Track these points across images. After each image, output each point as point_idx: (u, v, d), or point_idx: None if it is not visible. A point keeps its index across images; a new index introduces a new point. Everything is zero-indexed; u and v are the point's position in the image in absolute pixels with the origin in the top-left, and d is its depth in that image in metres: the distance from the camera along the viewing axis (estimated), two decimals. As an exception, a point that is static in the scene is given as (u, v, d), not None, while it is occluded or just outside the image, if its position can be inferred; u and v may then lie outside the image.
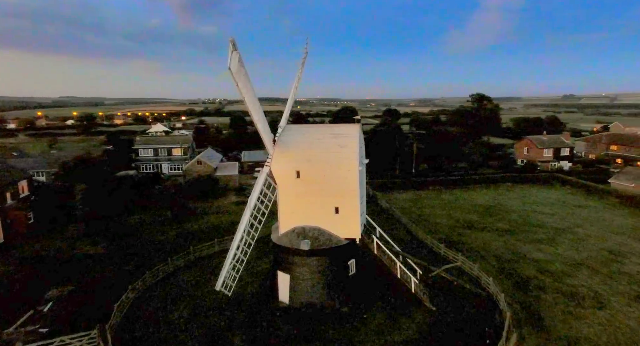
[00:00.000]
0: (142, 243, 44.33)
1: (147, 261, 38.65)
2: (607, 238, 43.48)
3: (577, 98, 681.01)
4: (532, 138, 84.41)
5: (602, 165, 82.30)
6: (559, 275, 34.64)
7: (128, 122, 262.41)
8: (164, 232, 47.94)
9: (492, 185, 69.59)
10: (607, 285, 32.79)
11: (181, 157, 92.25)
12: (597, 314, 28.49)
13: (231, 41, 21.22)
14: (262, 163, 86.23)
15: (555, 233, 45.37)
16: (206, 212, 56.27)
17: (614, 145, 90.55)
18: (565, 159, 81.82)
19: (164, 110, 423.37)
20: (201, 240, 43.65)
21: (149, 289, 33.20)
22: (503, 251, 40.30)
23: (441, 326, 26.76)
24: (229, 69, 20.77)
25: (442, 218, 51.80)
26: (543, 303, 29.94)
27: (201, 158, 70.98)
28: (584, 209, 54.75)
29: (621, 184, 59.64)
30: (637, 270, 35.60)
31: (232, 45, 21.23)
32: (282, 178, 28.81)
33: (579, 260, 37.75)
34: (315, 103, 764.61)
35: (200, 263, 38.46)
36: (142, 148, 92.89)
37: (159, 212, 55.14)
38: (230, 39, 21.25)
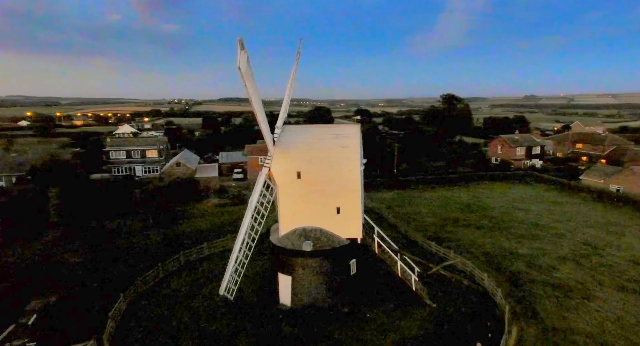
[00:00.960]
0: (125, 248, 42.78)
1: (134, 267, 37.37)
2: (584, 233, 45.79)
3: (537, 99, 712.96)
4: (505, 137, 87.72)
5: (571, 162, 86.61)
6: (546, 269, 36.19)
7: (89, 122, 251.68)
8: (147, 236, 46.45)
9: (471, 183, 71.77)
10: (591, 277, 34.56)
11: (156, 158, 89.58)
12: (586, 305, 29.99)
13: (239, 40, 20.88)
14: (240, 164, 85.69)
15: (536, 228, 47.34)
16: (189, 215, 54.97)
17: (579, 143, 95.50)
18: (536, 157, 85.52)
19: (127, 110, 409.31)
20: (188, 244, 42.65)
21: (142, 296, 32.12)
22: (490, 247, 41.66)
23: (443, 322, 27.39)
24: (238, 69, 20.45)
25: (427, 217, 52.93)
26: (535, 297, 31.18)
27: (180, 160, 69.19)
28: (560, 205, 57.43)
29: (592, 180, 63.00)
30: (615, 261, 37.70)
31: (240, 45, 20.89)
32: (282, 179, 28.59)
33: (562, 254, 39.58)
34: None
35: (191, 268, 37.57)
36: (113, 150, 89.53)
37: (141, 215, 53.38)
38: (239, 39, 20.90)
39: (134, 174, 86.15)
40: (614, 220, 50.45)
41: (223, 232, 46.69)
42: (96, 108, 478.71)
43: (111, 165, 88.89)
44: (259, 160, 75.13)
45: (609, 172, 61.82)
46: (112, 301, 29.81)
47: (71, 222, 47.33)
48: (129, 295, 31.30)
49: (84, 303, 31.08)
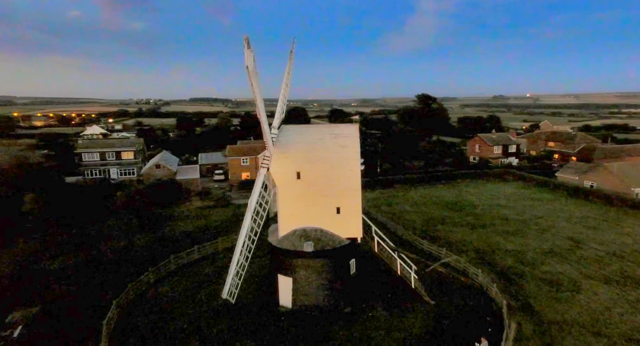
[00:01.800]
0: (110, 253, 41.32)
1: (120, 273, 36.19)
2: (565, 227, 47.71)
3: (505, 99, 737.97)
4: (482, 136, 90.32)
5: (544, 160, 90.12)
6: (534, 264, 37.49)
7: (51, 123, 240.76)
8: (132, 240, 45.04)
9: (453, 182, 73.43)
10: (576, 270, 36.06)
11: (132, 160, 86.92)
12: (576, 297, 31.26)
13: (245, 39, 20.59)
14: (221, 165, 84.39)
15: (520, 224, 48.95)
16: (173, 218, 53.69)
17: (551, 142, 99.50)
18: (512, 155, 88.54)
19: (92, 110, 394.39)
20: (175, 247, 41.69)
21: (135, 302, 31.12)
22: (479, 243, 42.77)
23: (444, 318, 27.92)
24: (246, 67, 20.15)
25: (414, 215, 53.77)
26: (528, 291, 32.26)
27: (160, 161, 67.45)
28: (539, 201, 59.62)
29: (567, 177, 65.78)
30: (597, 254, 39.48)
31: (247, 43, 20.60)
32: (282, 180, 28.37)
33: (547, 249, 41.10)
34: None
35: (183, 271, 36.72)
36: (86, 152, 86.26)
37: (123, 219, 51.70)
38: (245, 37, 20.61)
39: (109, 177, 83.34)
40: (590, 214, 52.83)
41: (211, 235, 45.93)
42: (57, 108, 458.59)
43: (84, 167, 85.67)
44: (240, 161, 74.31)
45: (583, 169, 64.74)
46: (101, 308, 28.84)
47: (50, 227, 45.25)
48: (122, 301, 30.26)
49: (72, 312, 29.83)
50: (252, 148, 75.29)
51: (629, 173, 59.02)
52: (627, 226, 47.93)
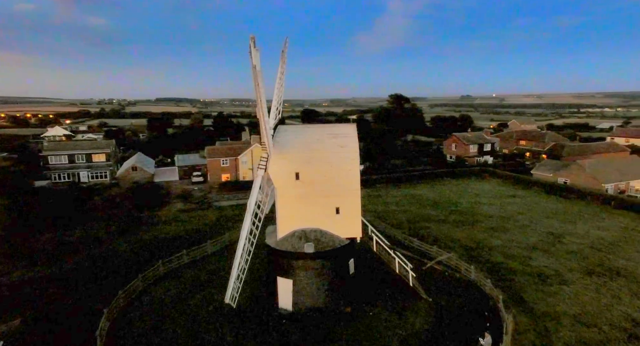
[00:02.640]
0: (92, 260, 39.77)
1: (108, 280, 34.92)
2: (544, 223, 49.80)
3: (472, 99, 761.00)
4: (459, 135, 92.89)
5: (517, 158, 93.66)
6: (521, 258, 38.93)
7: (4, 124, 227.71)
8: (114, 246, 43.52)
9: (432, 181, 75.07)
10: (561, 264, 37.71)
11: (103, 163, 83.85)
12: (564, 290, 32.69)
13: (252, 38, 20.39)
14: (199, 167, 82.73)
15: (502, 221, 50.69)
16: (155, 222, 52.26)
17: (522, 140, 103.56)
18: (487, 154, 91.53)
19: (48, 110, 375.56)
20: (161, 252, 40.66)
21: (127, 310, 30.08)
22: (466, 240, 43.97)
23: (443, 315, 28.57)
24: (253, 67, 19.93)
25: (399, 214, 54.63)
26: (518, 285, 33.47)
27: (136, 163, 65.39)
28: (517, 198, 61.94)
29: (542, 174, 68.69)
30: (578, 248, 41.40)
31: (253, 43, 20.40)
32: (280, 181, 28.19)
33: (530, 244, 42.75)
34: (227, 104, 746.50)
35: (173, 276, 35.79)
36: (53, 155, 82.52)
37: (101, 223, 49.83)
38: (251, 36, 20.42)
39: (79, 180, 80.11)
40: (566, 210, 55.37)
41: (197, 238, 45.04)
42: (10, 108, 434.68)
43: (50, 171, 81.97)
44: (220, 162, 73.16)
45: (556, 167, 67.78)
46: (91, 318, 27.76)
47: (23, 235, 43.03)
48: (113, 309, 29.18)
49: (59, 323, 28.51)
50: (231, 149, 74.27)
51: (599, 170, 62.29)
52: (602, 220, 50.56)
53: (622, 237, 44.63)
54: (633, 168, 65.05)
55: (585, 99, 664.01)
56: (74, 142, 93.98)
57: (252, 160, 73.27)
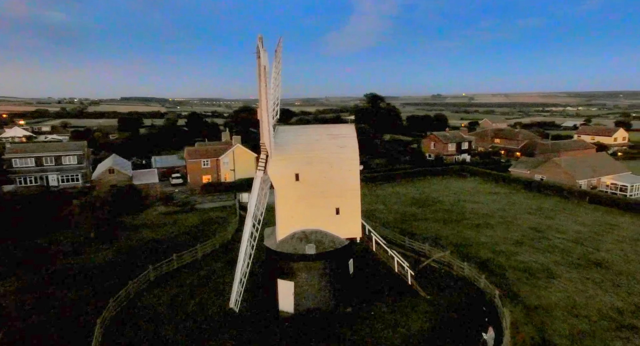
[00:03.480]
0: (73, 268, 38.25)
1: (96, 289, 33.75)
2: (526, 219, 51.75)
3: (443, 98, 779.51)
4: (437, 134, 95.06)
5: (493, 156, 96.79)
6: (509, 254, 40.32)
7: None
8: (95, 253, 42.06)
9: (414, 179, 76.52)
10: (546, 258, 39.33)
11: (75, 166, 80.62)
12: (553, 283, 34.11)
13: (260, 38, 20.27)
14: (177, 168, 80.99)
15: (486, 218, 52.31)
16: (137, 226, 50.83)
17: (497, 139, 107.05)
18: (465, 152, 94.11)
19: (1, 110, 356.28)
20: (149, 257, 39.67)
21: (120, 319, 29.18)
22: (454, 238, 45.12)
23: (443, 310, 29.29)
24: (263, 68, 19.81)
25: (386, 213, 55.42)
26: (509, 280, 34.65)
27: (113, 165, 63.36)
28: (497, 195, 64.03)
29: (519, 171, 71.29)
30: (560, 243, 43.25)
31: (261, 43, 20.28)
32: (280, 182, 28.10)
33: (516, 240, 44.33)
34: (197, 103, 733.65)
35: (164, 282, 34.96)
36: (17, 158, 78.63)
37: (80, 229, 48.01)
38: (259, 36, 20.28)
39: (47, 184, 76.73)
40: (545, 206, 57.75)
41: (184, 242, 44.21)
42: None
43: (14, 174, 78.13)
44: (201, 163, 71.92)
45: (533, 164, 70.52)
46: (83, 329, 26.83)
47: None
48: (106, 319, 28.23)
49: (48, 337, 27.34)
50: (212, 150, 73.15)
51: (574, 167, 65.28)
52: (579, 215, 53.04)
53: (599, 231, 46.97)
54: (603, 164, 68.54)
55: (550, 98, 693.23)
56: (42, 143, 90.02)
57: (233, 161, 72.45)
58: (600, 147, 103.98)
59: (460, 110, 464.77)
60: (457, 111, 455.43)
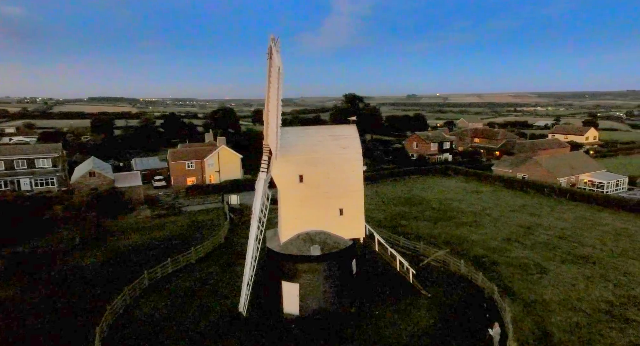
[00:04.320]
0: (59, 276, 37.01)
1: (84, 297, 32.80)
2: (512, 216, 53.42)
3: (418, 98, 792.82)
4: (420, 134, 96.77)
5: (474, 155, 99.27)
6: (500, 251, 41.57)
7: None
8: (83, 259, 40.81)
9: (399, 179, 77.63)
10: (536, 254, 40.75)
11: (50, 169, 77.76)
12: (545, 278, 35.40)
13: (273, 39, 20.27)
14: (160, 170, 79.28)
15: (474, 216, 53.69)
16: (122, 231, 49.55)
17: (476, 138, 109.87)
18: (446, 152, 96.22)
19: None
20: (141, 262, 38.91)
21: (119, 327, 28.47)
22: (446, 236, 46.12)
23: (445, 307, 29.97)
24: (278, 68, 19.80)
25: (375, 213, 56.00)
26: (504, 276, 35.76)
27: (94, 168, 61.51)
28: (482, 194, 65.77)
29: (502, 170, 73.47)
30: (547, 239, 44.84)
31: (274, 43, 20.29)
32: (284, 184, 28.09)
33: (505, 237, 45.71)
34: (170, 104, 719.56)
35: (160, 288, 34.30)
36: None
37: (63, 235, 46.42)
38: (272, 37, 20.28)
39: (19, 188, 73.72)
40: (528, 203, 59.75)
41: (175, 245, 43.55)
42: None
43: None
44: (185, 165, 70.74)
45: (515, 163, 72.83)
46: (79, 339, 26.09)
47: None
48: (104, 328, 27.49)
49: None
50: (197, 152, 72.05)
51: (554, 165, 67.82)
52: (562, 212, 55.16)
53: (582, 226, 49.00)
54: (580, 163, 71.53)
55: (521, 99, 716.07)
56: (12, 146, 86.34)
57: (218, 162, 71.59)
58: (574, 146, 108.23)
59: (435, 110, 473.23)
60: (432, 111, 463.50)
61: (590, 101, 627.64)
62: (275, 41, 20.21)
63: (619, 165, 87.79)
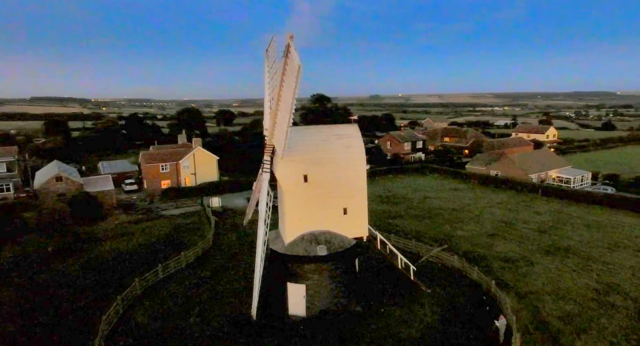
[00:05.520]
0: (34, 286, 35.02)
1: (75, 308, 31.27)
2: (492, 212, 55.73)
3: (381, 98, 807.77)
4: (393, 134, 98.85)
5: (446, 154, 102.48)
6: (486, 246, 43.28)
7: None
8: (61, 269, 38.78)
9: (378, 178, 78.91)
10: (520, 247, 42.75)
11: (5, 174, 73.14)
12: (533, 270, 37.24)
13: (291, 37, 20.23)
14: (130, 174, 76.22)
15: (456, 213, 55.55)
16: (99, 238, 47.42)
17: (446, 137, 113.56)
18: (419, 151, 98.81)
19: None
20: (126, 270, 37.53)
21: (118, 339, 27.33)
22: (433, 233, 47.44)
23: (447, 302, 30.92)
24: (298, 67, 19.78)
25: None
26: (494, 270, 37.31)
27: (61, 173, 58.39)
28: (459, 191, 68.14)
29: (476, 168, 76.41)
30: (528, 233, 47.09)
31: (292, 42, 20.27)
32: (288, 184, 28.02)
33: (489, 232, 47.63)
34: (125, 105, 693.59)
35: (152, 296, 33.17)
36: None
37: (30, 243, 43.84)
38: (290, 35, 20.24)
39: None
40: (505, 199, 62.54)
41: (160, 251, 42.29)
42: None
43: None
44: (159, 167, 68.60)
45: (488, 160, 75.96)
46: None
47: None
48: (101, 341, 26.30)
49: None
50: (171, 154, 70.05)
51: (526, 162, 71.37)
52: (537, 206, 58.15)
53: (557, 220, 51.91)
54: (549, 160, 75.69)
55: (478, 99, 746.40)
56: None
57: (194, 164, 69.97)
58: (537, 144, 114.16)
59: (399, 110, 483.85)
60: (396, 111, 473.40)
61: (542, 101, 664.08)
62: (293, 39, 20.18)
63: (580, 161, 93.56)
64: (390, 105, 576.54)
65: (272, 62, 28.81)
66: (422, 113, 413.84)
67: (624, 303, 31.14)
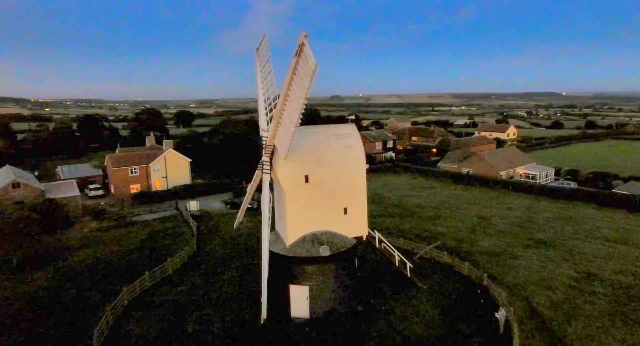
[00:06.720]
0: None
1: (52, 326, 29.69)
2: (468, 208, 58.05)
3: (341, 99, 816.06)
4: (365, 133, 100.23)
5: (416, 153, 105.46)
6: (470, 241, 45.09)
7: None
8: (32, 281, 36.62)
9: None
10: (501, 241, 44.91)
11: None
12: (517, 263, 39.21)
13: (305, 36, 20.36)
14: (93, 178, 72.78)
15: (435, 210, 57.41)
16: (69, 247, 45.08)
17: (414, 136, 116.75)
18: (389, 150, 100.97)
19: None
20: (103, 281, 36.06)
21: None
22: (416, 230, 48.84)
23: (444, 297, 32.04)
24: (315, 66, 19.92)
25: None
26: (481, 264, 39.00)
27: (18, 179, 54.81)
28: (434, 189, 70.38)
29: (447, 166, 79.19)
30: (505, 227, 49.49)
31: (306, 41, 20.41)
32: (290, 185, 28.01)
33: (469, 228, 49.64)
34: (71, 105, 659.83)
35: (140, 306, 32.04)
36: None
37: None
38: (305, 34, 20.36)
39: None
40: (478, 196, 65.27)
41: (140, 259, 40.92)
42: None
43: None
44: (128, 171, 66.06)
45: (460, 158, 78.96)
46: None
47: None
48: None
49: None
50: (141, 157, 67.56)
51: (495, 159, 74.82)
52: (509, 202, 61.18)
53: (530, 214, 54.91)
54: (516, 157, 79.79)
55: (437, 99, 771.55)
56: None
57: (165, 167, 67.92)
58: (499, 142, 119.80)
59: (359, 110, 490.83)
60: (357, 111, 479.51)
61: (496, 101, 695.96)
62: (307, 38, 20.28)
63: (541, 158, 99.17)
64: (351, 106, 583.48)
65: (264, 62, 28.76)
66: (382, 113, 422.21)
67: (604, 290, 33.52)
